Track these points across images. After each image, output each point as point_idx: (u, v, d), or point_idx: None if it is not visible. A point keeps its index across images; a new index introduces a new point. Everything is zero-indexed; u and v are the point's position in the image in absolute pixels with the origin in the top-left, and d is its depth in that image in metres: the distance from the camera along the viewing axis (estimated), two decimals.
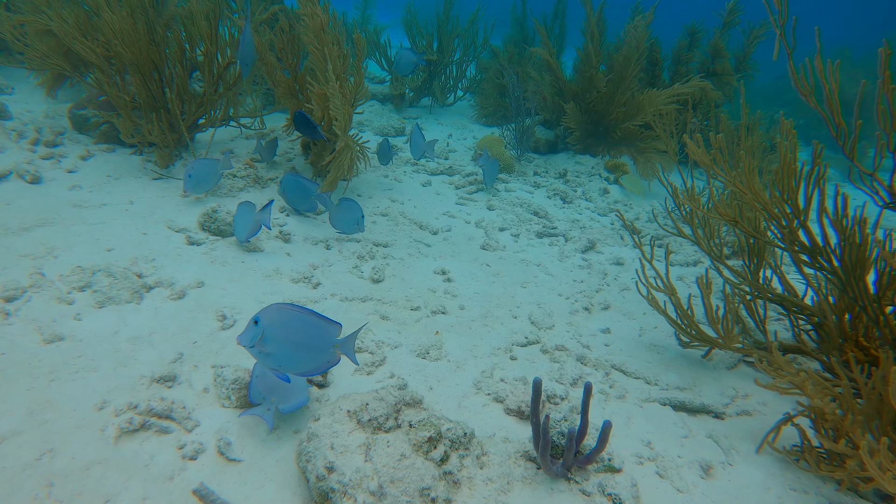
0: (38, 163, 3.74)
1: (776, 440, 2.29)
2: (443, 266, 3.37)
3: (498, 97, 7.27)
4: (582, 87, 5.95)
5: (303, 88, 4.20)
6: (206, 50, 4.11)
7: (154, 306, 2.53)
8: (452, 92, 7.62)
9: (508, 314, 3.05)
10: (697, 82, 5.44)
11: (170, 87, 4.09)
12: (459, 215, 4.20)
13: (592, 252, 3.97)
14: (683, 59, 6.60)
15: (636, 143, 5.65)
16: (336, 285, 2.97)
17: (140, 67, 3.88)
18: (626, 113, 5.67)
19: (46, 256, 2.71)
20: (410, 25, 7.25)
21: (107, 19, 3.66)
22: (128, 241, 2.99)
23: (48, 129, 4.20)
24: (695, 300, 3.46)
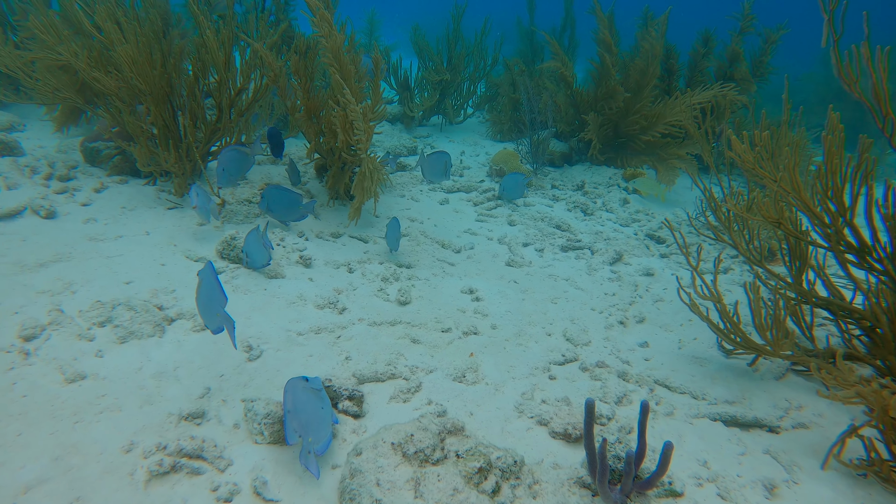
0: (53, 197, 3.67)
1: (841, 453, 2.15)
2: (470, 285, 3.26)
3: (511, 111, 7.20)
4: (599, 98, 5.87)
5: (317, 112, 4.14)
6: (219, 77, 4.06)
7: (177, 339, 2.43)
8: (463, 109, 7.57)
9: (542, 332, 2.93)
10: (719, 89, 5.35)
11: (183, 114, 4.04)
12: (481, 232, 4.10)
13: (620, 264, 3.86)
14: (699, 66, 6.52)
15: (657, 152, 5.55)
16: (363, 309, 2.87)
17: (155, 97, 3.83)
18: (644, 122, 5.58)
19: (64, 292, 2.63)
20: (419, 45, 7.22)
21: (122, 51, 3.61)
22: (146, 273, 2.91)
23: (61, 163, 4.16)
24: (730, 308, 3.33)
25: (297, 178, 4.25)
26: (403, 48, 9.53)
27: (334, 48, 3.75)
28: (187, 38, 5.99)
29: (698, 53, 6.58)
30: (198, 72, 4.11)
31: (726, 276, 3.88)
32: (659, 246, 4.33)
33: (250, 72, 4.21)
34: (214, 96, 4.15)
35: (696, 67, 6.57)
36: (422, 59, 7.39)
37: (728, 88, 5.46)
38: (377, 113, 4.10)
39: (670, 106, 5.38)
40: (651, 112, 5.57)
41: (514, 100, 7.24)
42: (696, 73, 6.56)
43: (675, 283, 3.68)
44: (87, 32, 4.21)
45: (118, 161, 4.22)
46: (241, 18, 6.47)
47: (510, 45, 8.43)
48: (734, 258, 4.16)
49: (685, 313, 3.29)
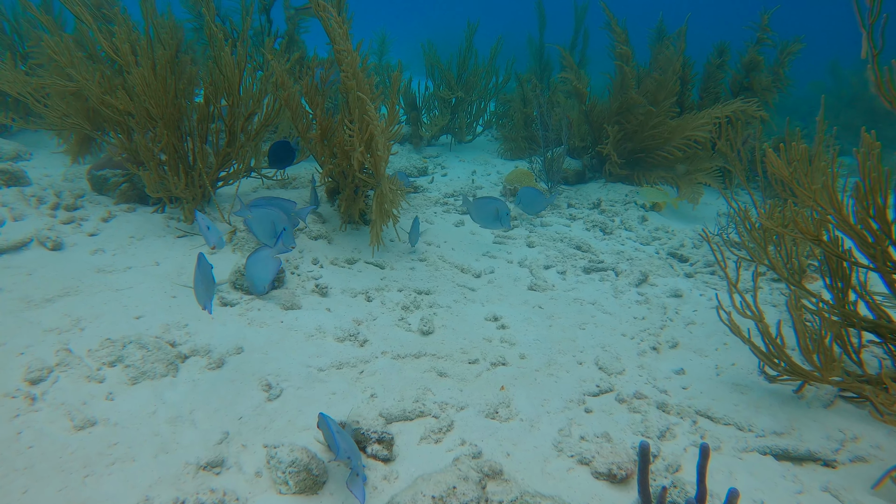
0: (59, 228, 3.56)
1: None
2: (494, 312, 3.12)
3: (522, 128, 7.11)
4: (615, 112, 5.76)
5: (330, 134, 4.03)
6: (231, 100, 3.97)
7: (192, 378, 2.29)
8: (472, 128, 7.48)
9: (573, 360, 2.79)
10: (739, 104, 5.24)
11: (192, 139, 3.94)
12: (500, 255, 3.97)
13: (646, 285, 3.72)
14: (714, 77, 6.43)
15: (676, 167, 5.43)
16: (385, 341, 2.73)
17: (166, 121, 3.74)
18: (663, 137, 5.47)
19: (73, 329, 2.50)
20: (431, 62, 7.15)
21: (137, 73, 3.53)
22: (157, 307, 2.78)
23: (67, 192, 4.05)
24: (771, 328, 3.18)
25: (316, 201, 4.14)
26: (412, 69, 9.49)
27: (353, 65, 3.65)
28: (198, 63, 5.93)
29: (712, 65, 6.49)
30: (210, 95, 4.02)
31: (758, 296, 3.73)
32: (682, 265, 4.19)
33: (262, 94, 4.12)
34: (225, 120, 4.05)
35: (709, 79, 6.47)
36: (433, 77, 7.32)
37: (751, 102, 5.35)
38: (394, 133, 4.00)
39: (689, 120, 5.26)
40: (669, 126, 5.45)
41: (525, 115, 7.16)
42: (710, 84, 6.46)
43: (705, 303, 3.53)
44: (98, 57, 4.14)
45: (126, 189, 4.12)
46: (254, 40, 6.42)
47: (520, 63, 8.36)
48: (761, 275, 4.02)
49: (719, 336, 3.15)
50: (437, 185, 5.53)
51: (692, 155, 5.42)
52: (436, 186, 5.49)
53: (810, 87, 13.86)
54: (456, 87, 7.20)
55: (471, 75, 7.26)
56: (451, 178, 5.94)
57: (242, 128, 4.05)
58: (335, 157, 4.04)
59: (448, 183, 5.65)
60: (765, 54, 6.49)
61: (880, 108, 10.41)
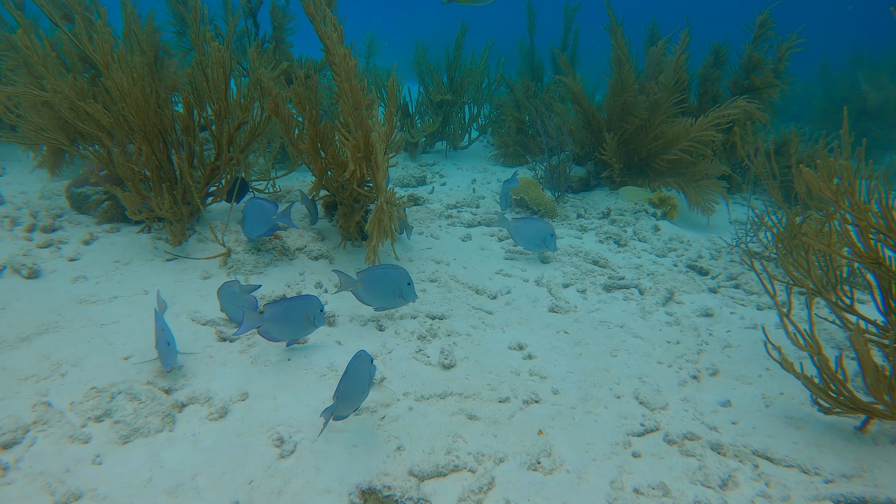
0: (36, 253, 3.25)
1: None
2: (517, 339, 2.87)
3: (517, 134, 6.87)
4: (615, 116, 5.54)
5: (324, 143, 3.75)
6: (219, 109, 3.68)
7: (192, 433, 2.01)
8: (467, 134, 7.23)
9: (610, 394, 2.54)
10: (742, 103, 5.03)
11: (178, 153, 3.64)
12: (514, 273, 3.71)
13: (673, 303, 3.48)
14: (711, 78, 6.23)
15: (683, 173, 5.22)
16: (405, 379, 2.46)
17: (148, 133, 3.44)
18: (666, 141, 5.24)
19: (52, 376, 2.20)
20: (420, 63, 6.89)
21: (115, 80, 3.22)
22: (148, 345, 2.48)
23: (44, 211, 3.73)
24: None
25: (315, 216, 3.87)
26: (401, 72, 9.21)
27: (348, 72, 3.38)
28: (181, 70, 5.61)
29: (709, 65, 6.29)
30: (193, 104, 3.73)
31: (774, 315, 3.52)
32: (704, 278, 3.97)
33: (250, 103, 3.84)
34: (213, 131, 3.76)
35: (707, 80, 6.27)
36: (422, 80, 7.06)
37: (753, 103, 5.15)
38: (395, 143, 3.74)
39: (692, 124, 5.03)
40: (672, 130, 5.22)
41: (518, 121, 6.92)
42: (708, 86, 6.27)
43: (738, 322, 3.31)
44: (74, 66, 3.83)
45: (108, 207, 3.81)
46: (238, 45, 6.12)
47: (511, 66, 8.13)
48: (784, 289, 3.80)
49: (759, 361, 2.92)
50: (437, 196, 5.26)
51: (698, 161, 5.20)
52: (437, 197, 5.22)
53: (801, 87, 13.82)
54: (444, 91, 6.93)
55: (461, 77, 6.99)
56: (450, 188, 5.68)
57: (231, 139, 3.76)
58: (332, 170, 3.77)
59: (449, 193, 5.39)
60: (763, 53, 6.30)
61: (871, 109, 10.35)
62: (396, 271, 2.75)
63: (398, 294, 2.76)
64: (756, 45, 6.14)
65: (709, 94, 6.32)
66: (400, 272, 2.75)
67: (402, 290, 2.76)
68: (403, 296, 2.78)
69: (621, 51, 5.40)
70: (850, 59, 11.08)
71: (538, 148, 6.91)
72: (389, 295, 2.76)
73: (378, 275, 2.72)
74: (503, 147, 6.84)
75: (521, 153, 6.82)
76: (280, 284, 3.16)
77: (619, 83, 5.41)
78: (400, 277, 2.74)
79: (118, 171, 3.39)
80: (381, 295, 2.76)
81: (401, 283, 2.75)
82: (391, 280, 2.73)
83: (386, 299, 2.78)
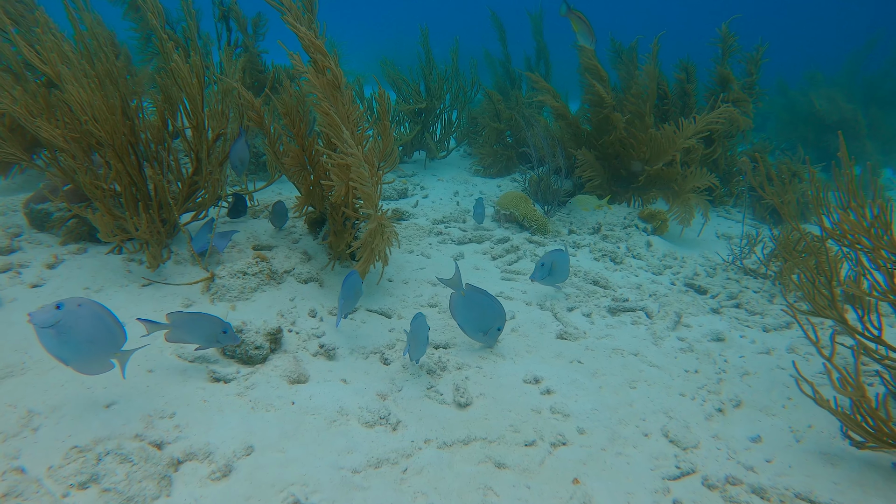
0: None
1: None
2: (532, 372, 2.69)
3: (497, 145, 6.73)
4: (595, 131, 5.44)
5: (311, 160, 3.51)
6: (196, 120, 3.41)
7: (193, 497, 1.76)
8: (445, 143, 7.05)
9: (637, 432, 2.38)
10: (726, 109, 4.96)
11: (151, 165, 3.35)
12: (514, 295, 3.54)
13: (682, 327, 3.36)
14: (688, 92, 6.20)
15: (670, 185, 5.14)
16: (421, 422, 2.25)
17: (117, 147, 3.15)
18: (650, 153, 5.16)
19: (23, 432, 1.92)
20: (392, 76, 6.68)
21: (74, 92, 2.92)
22: (131, 388, 2.22)
23: (1, 231, 3.39)
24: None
25: (282, 222, 3.73)
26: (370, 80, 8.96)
27: (332, 84, 3.15)
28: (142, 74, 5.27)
29: (682, 80, 6.27)
30: (167, 114, 3.45)
31: (787, 336, 3.44)
32: (702, 297, 3.87)
33: (227, 112, 3.58)
34: (191, 143, 3.49)
35: (685, 94, 6.24)
36: (398, 90, 6.85)
37: (733, 111, 5.10)
38: (390, 159, 3.53)
39: (676, 133, 4.94)
40: (655, 141, 5.13)
41: (497, 131, 6.78)
42: (688, 100, 6.24)
43: (749, 347, 3.20)
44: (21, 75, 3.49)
45: (73, 225, 3.49)
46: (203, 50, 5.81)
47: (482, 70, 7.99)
48: (785, 307, 3.73)
49: (779, 389, 2.81)
50: (422, 210, 5.06)
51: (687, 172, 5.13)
52: (422, 211, 5.02)
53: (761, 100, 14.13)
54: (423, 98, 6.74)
55: (436, 85, 6.80)
56: (433, 201, 5.49)
57: (208, 152, 3.50)
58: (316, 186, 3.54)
59: (434, 207, 5.20)
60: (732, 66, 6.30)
61: (830, 124, 10.59)
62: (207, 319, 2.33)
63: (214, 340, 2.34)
64: (726, 57, 6.15)
65: (689, 107, 6.29)
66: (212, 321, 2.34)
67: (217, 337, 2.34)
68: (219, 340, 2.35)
69: (594, 66, 5.29)
70: (805, 76, 11.33)
71: (518, 159, 6.79)
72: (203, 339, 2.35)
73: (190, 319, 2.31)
74: (483, 158, 6.69)
75: (502, 164, 6.67)
76: (271, 313, 2.91)
77: (598, 99, 5.30)
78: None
79: (86, 191, 3.09)
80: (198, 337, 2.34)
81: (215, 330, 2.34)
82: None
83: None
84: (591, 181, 5.32)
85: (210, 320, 2.27)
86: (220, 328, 2.29)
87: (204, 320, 2.27)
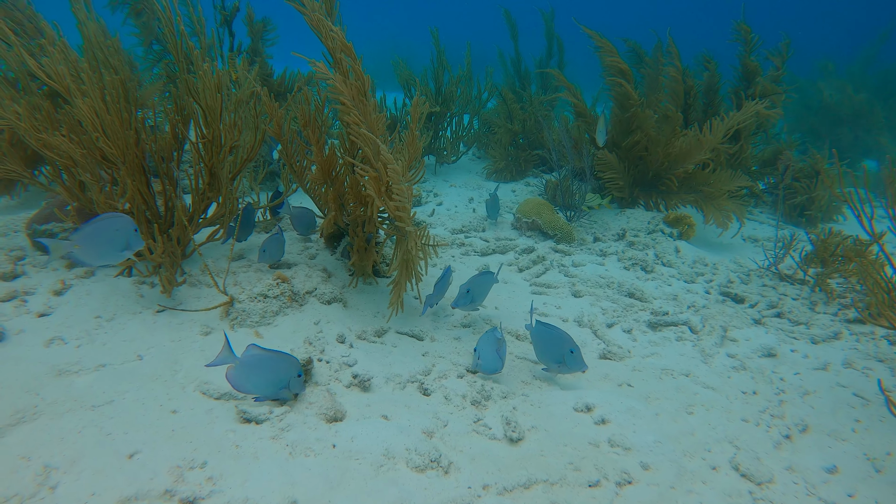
0: None
1: None
2: (582, 399, 2.49)
3: (510, 147, 6.54)
4: (617, 132, 5.25)
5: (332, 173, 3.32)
6: (212, 132, 3.21)
7: None
8: (456, 147, 6.86)
9: (705, 465, 2.20)
10: (756, 104, 4.78)
11: (163, 182, 3.15)
12: (550, 311, 3.35)
13: (728, 342, 3.18)
14: (713, 88, 6.02)
15: (700, 188, 4.95)
16: (474, 463, 2.06)
17: (130, 165, 2.95)
18: (678, 154, 4.97)
19: (41, 492, 1.72)
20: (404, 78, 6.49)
21: (85, 107, 2.72)
22: (156, 432, 2.02)
23: (3, 254, 3.19)
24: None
25: (308, 230, 3.62)
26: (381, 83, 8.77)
27: (360, 90, 2.96)
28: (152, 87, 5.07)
29: (711, 76, 6.09)
30: (178, 127, 3.25)
31: (841, 345, 3.26)
32: (741, 307, 3.69)
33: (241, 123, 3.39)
34: (203, 157, 3.29)
35: (711, 90, 6.06)
36: (408, 92, 6.66)
37: (760, 107, 4.92)
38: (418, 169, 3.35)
39: (704, 135, 4.76)
40: (683, 143, 4.95)
41: (511, 133, 6.59)
42: (713, 97, 6.06)
43: (802, 362, 3.03)
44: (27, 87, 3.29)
45: None
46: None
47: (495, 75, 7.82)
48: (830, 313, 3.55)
49: (844, 410, 2.63)
50: (439, 219, 4.87)
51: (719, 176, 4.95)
52: (439, 220, 4.83)
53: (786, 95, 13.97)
54: (434, 102, 6.55)
55: (450, 86, 6.62)
56: (448, 208, 5.30)
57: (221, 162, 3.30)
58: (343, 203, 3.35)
59: (451, 215, 5.00)
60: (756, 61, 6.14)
61: (843, 116, 10.43)
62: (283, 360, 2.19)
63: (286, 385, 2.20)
64: (750, 50, 5.98)
65: (714, 105, 6.11)
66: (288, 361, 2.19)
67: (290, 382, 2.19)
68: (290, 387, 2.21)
69: (620, 65, 5.11)
70: (818, 66, 11.17)
71: (532, 162, 6.61)
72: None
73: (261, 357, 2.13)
74: (496, 161, 6.50)
75: (515, 167, 6.49)
76: (297, 340, 2.72)
77: (625, 99, 5.11)
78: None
79: (97, 211, 2.89)
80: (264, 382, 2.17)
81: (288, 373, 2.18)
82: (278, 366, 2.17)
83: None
84: (613, 182, 5.13)
85: (288, 361, 2.14)
86: (295, 371, 2.16)
87: (282, 361, 2.13)
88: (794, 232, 5.37)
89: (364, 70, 2.95)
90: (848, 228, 5.78)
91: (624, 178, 5.15)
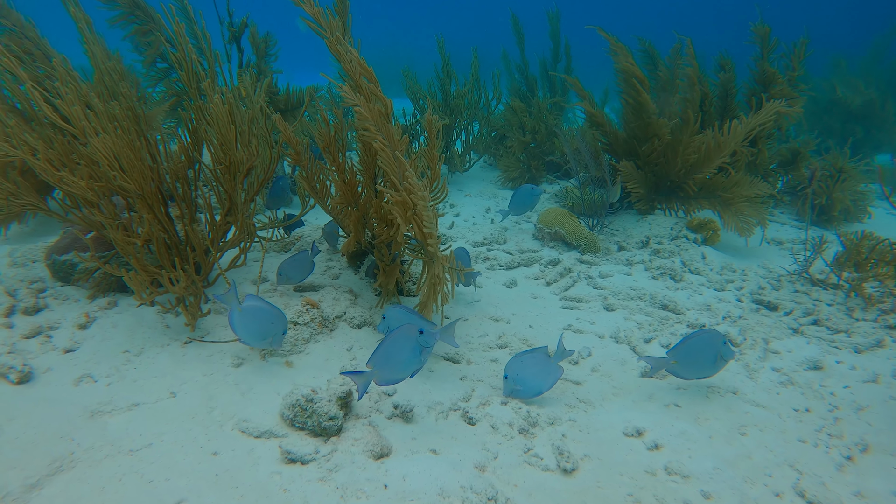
0: (23, 346, 2.65)
1: None
2: (631, 422, 2.41)
3: (522, 155, 6.47)
4: (633, 139, 5.17)
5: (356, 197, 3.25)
6: (229, 159, 3.13)
7: None
8: (468, 156, 6.78)
9: (768, 492, 2.11)
10: (775, 106, 4.69)
11: (181, 210, 3.08)
12: (584, 328, 3.27)
13: (771, 354, 3.09)
14: (729, 92, 5.94)
15: (719, 194, 4.87)
16: (531, 499, 1.97)
17: (148, 196, 2.87)
18: (696, 160, 4.89)
19: None
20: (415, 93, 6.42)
21: (100, 144, 2.64)
22: (199, 478, 1.93)
23: (24, 287, 3.11)
24: None
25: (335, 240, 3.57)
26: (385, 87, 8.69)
27: (382, 114, 2.90)
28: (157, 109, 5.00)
29: (727, 79, 6.00)
30: (192, 153, 3.18)
31: (885, 353, 3.17)
32: (776, 315, 3.60)
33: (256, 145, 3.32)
34: (221, 182, 3.22)
35: (728, 94, 5.97)
36: (415, 102, 6.60)
37: (781, 106, 4.82)
38: (439, 191, 3.30)
39: (717, 137, 4.67)
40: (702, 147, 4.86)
41: (523, 143, 6.52)
42: (729, 101, 5.97)
43: (850, 374, 2.93)
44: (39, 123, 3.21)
45: (101, 276, 3.21)
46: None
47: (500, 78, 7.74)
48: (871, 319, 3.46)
49: None
50: (459, 231, 4.79)
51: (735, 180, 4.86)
52: (459, 233, 4.75)
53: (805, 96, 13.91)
54: (443, 113, 6.49)
55: (457, 96, 6.55)
56: (465, 219, 5.22)
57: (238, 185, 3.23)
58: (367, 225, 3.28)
59: (470, 227, 4.93)
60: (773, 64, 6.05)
61: (856, 111, 10.34)
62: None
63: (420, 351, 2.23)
64: (767, 54, 5.89)
65: (730, 108, 6.02)
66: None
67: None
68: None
69: (634, 69, 5.02)
70: (830, 61, 11.09)
71: (545, 168, 6.53)
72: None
73: None
74: (509, 171, 6.42)
75: (529, 175, 6.41)
76: (331, 369, 2.63)
77: (639, 106, 5.03)
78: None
79: (118, 247, 2.81)
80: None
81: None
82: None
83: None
84: (635, 189, 5.05)
85: (406, 334, 2.16)
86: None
87: (401, 339, 2.16)
88: (822, 234, 5.28)
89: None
90: (870, 227, 5.69)
91: (643, 185, 5.07)
